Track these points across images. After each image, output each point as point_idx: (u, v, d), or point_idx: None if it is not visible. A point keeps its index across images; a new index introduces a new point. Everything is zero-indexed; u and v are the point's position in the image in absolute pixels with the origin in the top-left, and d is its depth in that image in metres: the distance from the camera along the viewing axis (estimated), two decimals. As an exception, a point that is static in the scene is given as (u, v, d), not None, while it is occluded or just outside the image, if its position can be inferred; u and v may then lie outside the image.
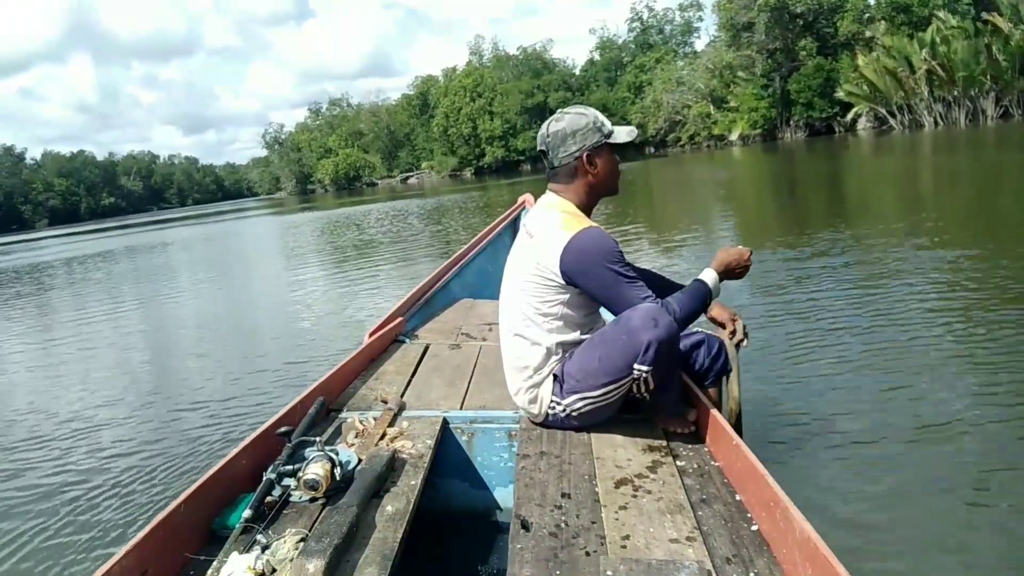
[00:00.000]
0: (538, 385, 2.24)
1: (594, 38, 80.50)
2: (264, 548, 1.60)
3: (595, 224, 2.18)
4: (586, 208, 2.28)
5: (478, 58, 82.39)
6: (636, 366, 2.03)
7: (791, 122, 49.32)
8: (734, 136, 51.84)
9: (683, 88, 57.06)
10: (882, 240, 7.57)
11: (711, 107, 54.23)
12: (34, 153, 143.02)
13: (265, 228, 29.25)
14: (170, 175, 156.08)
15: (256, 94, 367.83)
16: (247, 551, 1.60)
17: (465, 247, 4.79)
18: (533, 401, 2.26)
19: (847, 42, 46.32)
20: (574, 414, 2.19)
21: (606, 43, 76.77)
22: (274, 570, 1.56)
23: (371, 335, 3.25)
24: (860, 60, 41.91)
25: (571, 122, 2.23)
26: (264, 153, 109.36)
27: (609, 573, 1.50)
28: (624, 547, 1.61)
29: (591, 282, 2.13)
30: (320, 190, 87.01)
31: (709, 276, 2.22)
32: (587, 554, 1.59)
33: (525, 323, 2.25)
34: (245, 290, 11.27)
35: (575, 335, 2.24)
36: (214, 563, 1.61)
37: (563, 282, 2.15)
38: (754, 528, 1.68)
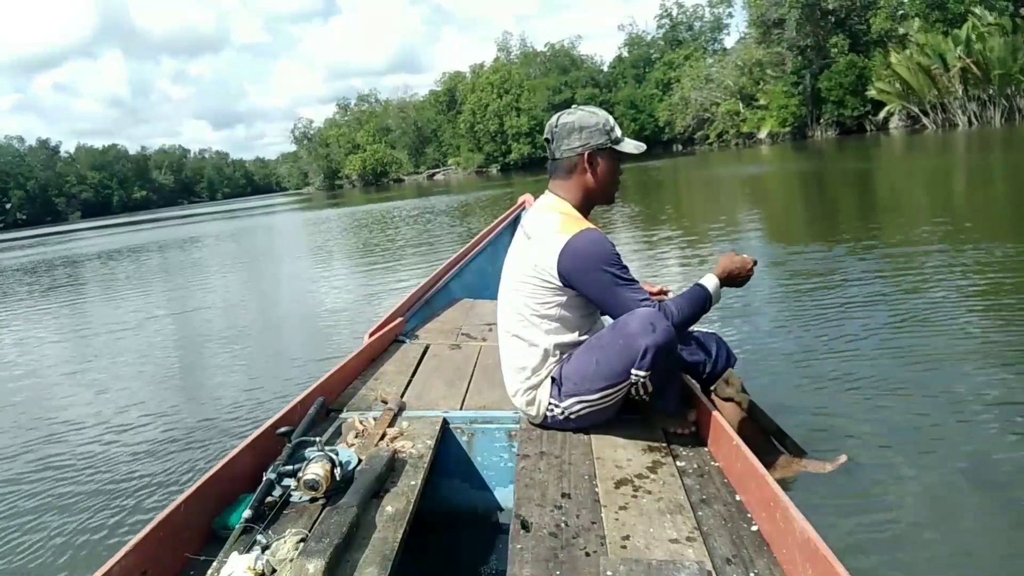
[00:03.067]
0: (536, 387, 2.25)
1: (623, 35, 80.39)
2: (264, 548, 1.61)
3: (593, 226, 2.17)
4: (581, 210, 2.27)
5: (506, 54, 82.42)
6: (634, 371, 2.03)
7: (821, 120, 48.26)
8: (763, 134, 50.98)
9: (711, 85, 56.60)
10: (907, 239, 7.45)
11: (740, 105, 53.67)
12: (68, 147, 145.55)
13: (291, 225, 29.19)
14: (200, 169, 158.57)
15: (284, 90, 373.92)
16: (247, 551, 1.61)
17: (465, 247, 4.78)
18: (531, 403, 2.26)
19: (880, 39, 45.35)
20: (572, 416, 2.20)
21: (635, 40, 76.42)
22: (274, 570, 1.56)
23: (371, 335, 3.26)
24: (893, 58, 41.06)
25: (582, 118, 2.23)
26: (293, 148, 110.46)
27: (609, 573, 1.49)
28: (624, 547, 1.62)
29: (587, 285, 2.12)
30: (348, 186, 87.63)
31: (710, 282, 2.21)
32: (587, 554, 1.59)
33: (522, 324, 2.25)
34: (268, 289, 11.21)
35: (572, 337, 2.23)
36: (214, 563, 1.62)
37: (560, 284, 2.15)
38: (754, 528, 1.68)
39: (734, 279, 2.27)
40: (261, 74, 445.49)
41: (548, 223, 2.20)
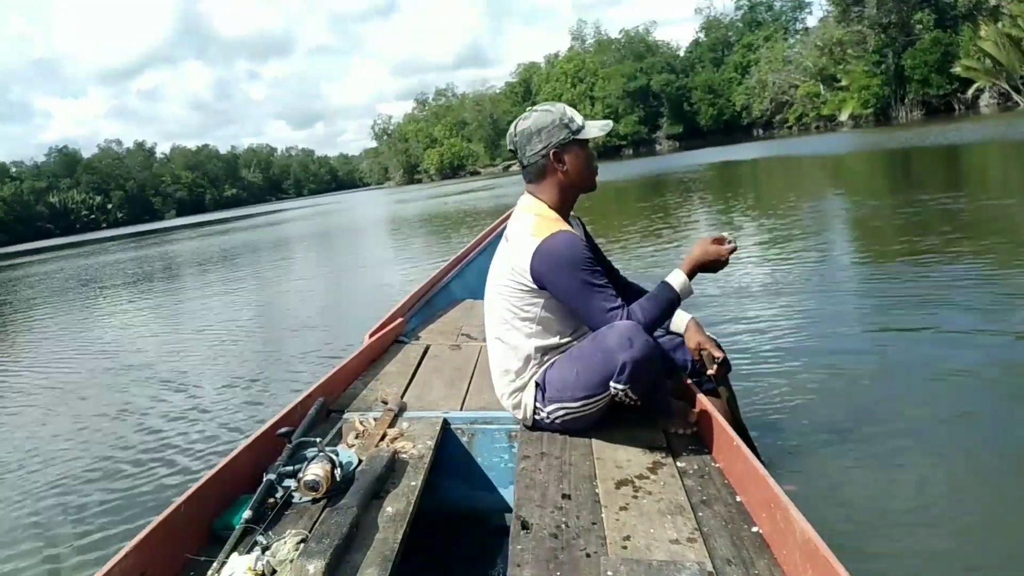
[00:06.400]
0: (521, 390, 2.27)
1: (700, 18, 79.58)
2: (264, 549, 1.62)
3: (566, 228, 2.17)
4: (562, 208, 2.26)
5: (580, 43, 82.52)
6: (613, 384, 2.05)
7: (906, 100, 46.66)
8: (844, 116, 49.51)
9: (790, 67, 55.60)
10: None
11: (820, 86, 52.56)
12: (162, 148, 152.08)
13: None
14: (287, 167, 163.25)
15: (360, 87, 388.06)
16: (248, 552, 1.62)
17: (465, 247, 4.77)
18: (517, 406, 2.28)
19: (968, 13, 43.63)
20: (557, 421, 2.21)
21: (712, 23, 75.50)
22: (274, 571, 1.57)
23: (371, 336, 3.25)
24: (982, 31, 39.42)
25: (537, 120, 2.21)
26: (374, 144, 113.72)
27: (610, 574, 1.50)
28: (624, 548, 1.62)
29: (558, 288, 2.13)
30: (426, 179, 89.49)
31: (677, 279, 2.16)
32: (587, 555, 1.60)
33: (505, 327, 2.27)
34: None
35: (555, 340, 2.25)
36: (214, 564, 1.62)
37: (535, 287, 2.16)
38: (755, 529, 1.68)
39: (705, 267, 2.21)
40: (334, 73, 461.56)
41: (523, 226, 2.21)
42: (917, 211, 8.77)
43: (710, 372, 2.33)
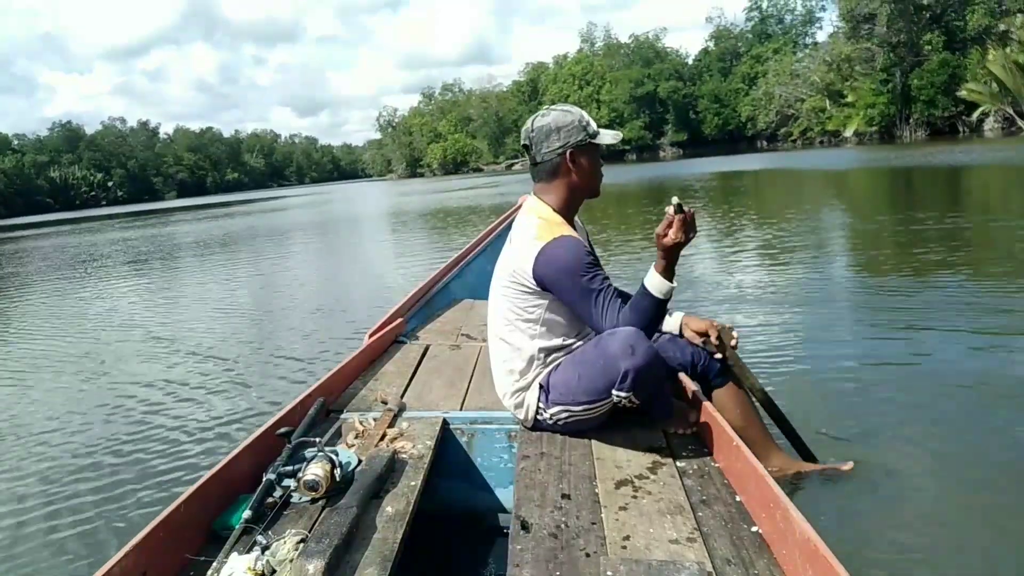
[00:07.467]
0: (524, 390, 2.27)
1: (710, 27, 79.79)
2: (264, 549, 1.62)
3: (569, 233, 2.17)
4: (567, 211, 2.27)
5: (589, 46, 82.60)
6: (615, 391, 2.05)
7: (911, 120, 46.85)
8: (848, 132, 49.60)
9: (797, 81, 55.68)
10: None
11: (826, 101, 52.64)
12: (165, 129, 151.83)
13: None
14: (290, 154, 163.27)
15: (365, 79, 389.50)
16: (247, 552, 1.62)
17: (465, 247, 4.77)
18: (520, 406, 2.29)
19: (978, 36, 43.89)
20: (560, 423, 2.22)
21: (722, 32, 75.74)
22: (274, 571, 1.57)
23: (371, 336, 3.25)
24: (990, 55, 39.53)
25: (557, 118, 2.22)
26: (378, 136, 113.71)
27: (609, 574, 1.50)
28: (624, 548, 1.62)
29: (561, 291, 2.14)
30: (428, 173, 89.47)
31: (650, 281, 2.06)
32: (587, 555, 1.60)
33: (509, 328, 2.28)
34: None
35: (558, 341, 2.25)
36: (214, 564, 1.62)
37: (539, 289, 2.17)
38: (754, 529, 1.69)
39: (673, 250, 2.05)
40: (340, 63, 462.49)
41: (527, 228, 2.22)
42: (921, 229, 8.81)
43: (732, 344, 2.39)
